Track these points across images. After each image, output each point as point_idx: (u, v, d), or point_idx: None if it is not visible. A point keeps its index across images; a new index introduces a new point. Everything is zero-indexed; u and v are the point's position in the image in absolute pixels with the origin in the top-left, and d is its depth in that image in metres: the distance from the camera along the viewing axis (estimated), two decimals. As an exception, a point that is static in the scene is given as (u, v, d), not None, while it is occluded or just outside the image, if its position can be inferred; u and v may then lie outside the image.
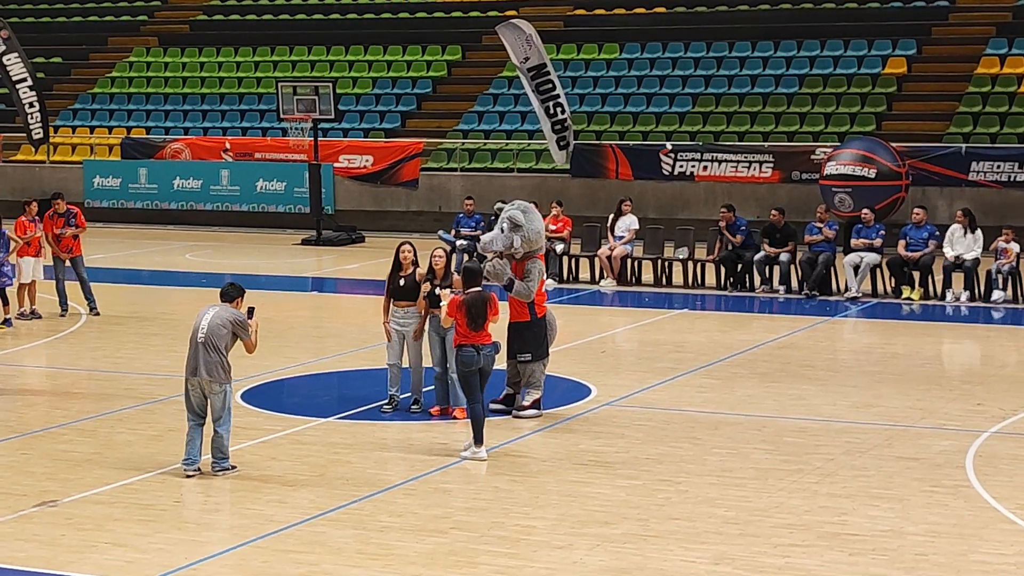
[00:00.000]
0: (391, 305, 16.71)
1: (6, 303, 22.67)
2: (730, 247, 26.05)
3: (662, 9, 38.92)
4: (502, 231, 16.79)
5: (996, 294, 24.37)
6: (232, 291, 14.44)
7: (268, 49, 41.50)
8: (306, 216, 34.59)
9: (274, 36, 42.08)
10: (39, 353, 21.22)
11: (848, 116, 33.71)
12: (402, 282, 16.60)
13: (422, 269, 16.68)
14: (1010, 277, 24.40)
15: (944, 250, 24.77)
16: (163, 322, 22.03)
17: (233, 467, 14.17)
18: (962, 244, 24.62)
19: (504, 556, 11.68)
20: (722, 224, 26.24)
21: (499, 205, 19.26)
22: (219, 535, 12.42)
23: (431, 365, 16.73)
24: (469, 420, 14.90)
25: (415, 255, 16.79)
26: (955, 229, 24.83)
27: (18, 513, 12.95)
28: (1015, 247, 24.38)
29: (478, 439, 14.67)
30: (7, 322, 22.48)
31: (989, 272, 24.55)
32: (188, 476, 13.96)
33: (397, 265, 16.74)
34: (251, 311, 14.39)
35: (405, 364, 16.81)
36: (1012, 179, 30.33)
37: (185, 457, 14.08)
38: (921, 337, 21.96)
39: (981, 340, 22.34)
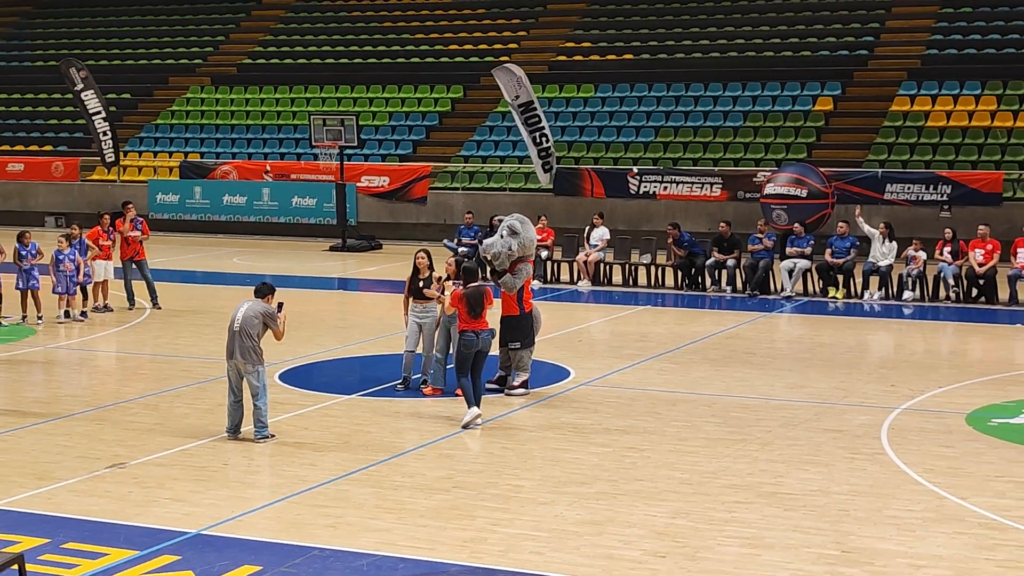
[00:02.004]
0: (411, 302, 16.74)
1: (85, 298, 22.78)
2: (681, 254, 26.09)
3: (630, 56, 38.93)
4: (501, 236, 16.91)
5: (906, 294, 24.47)
6: (264, 289, 14.52)
7: (302, 88, 41.47)
8: (333, 227, 34.57)
9: (307, 77, 42.03)
10: (110, 340, 21.23)
11: (784, 145, 33.76)
12: (420, 284, 16.64)
13: (437, 273, 16.74)
14: (918, 280, 24.51)
15: (873, 253, 24.84)
16: (214, 315, 21.93)
17: (272, 435, 14.20)
18: (879, 250, 24.69)
19: (497, 511, 11.72)
20: (670, 241, 26.30)
21: (499, 217, 19.33)
22: (260, 492, 12.46)
23: (439, 352, 16.77)
24: (464, 395, 14.99)
25: (430, 261, 16.83)
26: (877, 237, 24.91)
27: (93, 473, 13.01)
28: (922, 255, 24.50)
29: (469, 402, 14.84)
30: (83, 314, 22.53)
31: (901, 276, 24.64)
32: (228, 439, 14.14)
33: (415, 270, 16.77)
34: (280, 306, 14.45)
35: (419, 351, 16.84)
36: (920, 199, 30.45)
37: (228, 426, 14.27)
38: (844, 329, 22.01)
39: (894, 332, 22.40)
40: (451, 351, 16.28)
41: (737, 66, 37.30)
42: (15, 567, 9.37)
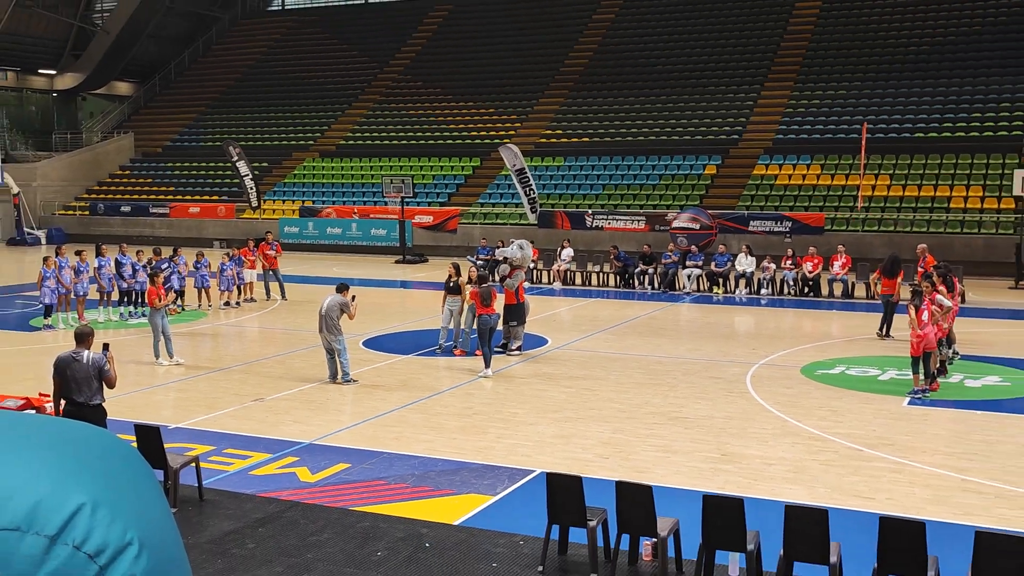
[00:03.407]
0: (445, 296, 16.81)
1: (239, 293, 22.83)
2: (619, 265, 26.16)
3: (587, 139, 38.90)
4: (514, 247, 17.89)
5: (763, 291, 24.43)
6: (341, 287, 14.52)
7: (378, 159, 41.41)
8: (396, 248, 34.51)
9: (380, 151, 41.98)
10: (254, 320, 21.24)
11: (684, 195, 33.68)
12: (451, 284, 16.70)
13: (463, 278, 16.81)
14: (769, 282, 24.49)
15: (736, 266, 24.87)
16: (320, 304, 22.05)
17: (354, 380, 14.19)
18: (745, 263, 24.72)
19: (501, 429, 11.75)
20: (612, 257, 26.38)
21: (512, 240, 19.71)
22: (348, 417, 12.47)
23: (465, 328, 16.82)
24: (483, 355, 15.00)
25: (457, 270, 16.94)
26: (742, 255, 24.92)
27: (243, 405, 13.05)
28: (772, 266, 24.49)
29: (487, 364, 14.86)
30: (237, 304, 22.56)
31: (759, 279, 24.62)
32: (327, 383, 14.12)
33: (448, 276, 16.89)
34: (354, 298, 14.40)
35: (450, 327, 16.89)
36: (771, 230, 30.43)
37: (328, 375, 14.27)
38: (722, 313, 22.03)
39: (755, 315, 22.41)
40: (472, 328, 16.34)
41: (655, 145, 37.29)
42: (193, 464, 9.39)
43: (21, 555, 0.69)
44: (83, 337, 9.13)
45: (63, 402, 8.96)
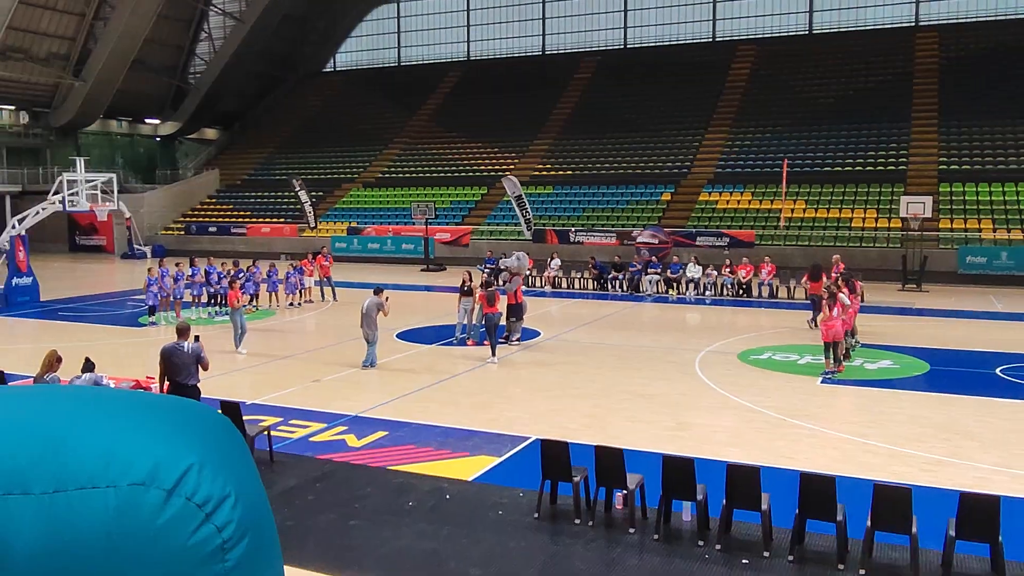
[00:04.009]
0: (460, 298, 16.68)
1: (301, 296, 22.66)
2: (595, 273, 26.07)
3: (571, 172, 38.78)
4: (513, 258, 17.72)
5: (707, 293, 24.28)
6: (377, 290, 14.39)
7: (408, 188, 41.25)
8: (421, 259, 34.39)
9: (409, 181, 41.81)
10: (312, 318, 21.17)
11: (646, 217, 33.56)
12: (465, 288, 16.59)
13: (475, 283, 16.69)
14: (712, 286, 24.37)
15: (687, 273, 24.77)
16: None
17: (373, 367, 14.03)
18: (693, 271, 24.63)
19: (504, 405, 11.68)
20: (590, 266, 26.28)
21: (514, 253, 19.51)
22: (383, 395, 12.36)
23: (475, 323, 16.71)
24: (488, 345, 14.91)
25: (470, 276, 16.80)
26: (691, 264, 24.83)
27: (303, 385, 12.95)
28: (715, 272, 24.39)
29: (493, 353, 14.75)
30: (299, 304, 22.41)
31: (704, 284, 24.48)
32: (365, 367, 14.03)
33: (462, 281, 16.75)
34: (387, 298, 14.27)
35: (464, 323, 16.79)
36: (713, 244, 30.27)
37: (366, 360, 14.15)
38: (677, 311, 21.96)
39: (701, 312, 22.34)
40: (480, 323, 16.24)
41: (623, 177, 37.11)
42: (265, 433, 9.34)
43: (146, 504, 0.73)
44: (183, 331, 9.09)
45: (167, 383, 8.93)
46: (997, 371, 13.52)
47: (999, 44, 37.83)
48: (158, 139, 52.66)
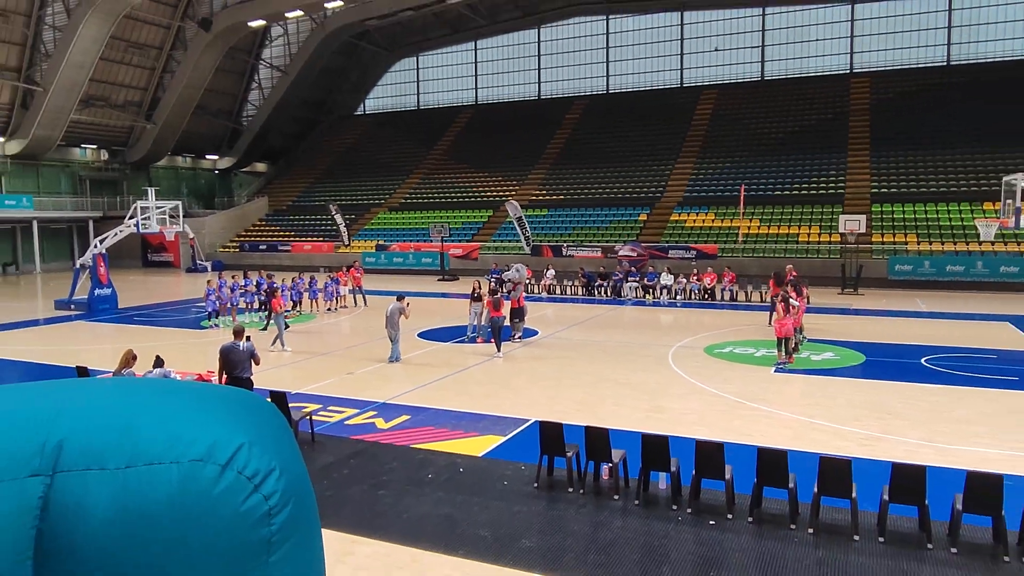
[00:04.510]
0: (471, 303, 16.64)
1: (337, 303, 22.59)
2: (584, 281, 26.05)
3: (563, 197, 38.80)
4: (514, 270, 17.46)
5: (678, 297, 24.25)
6: (400, 296, 14.35)
7: (426, 211, 41.30)
8: (437, 270, 34.33)
9: (427, 205, 41.89)
10: (346, 321, 21.13)
11: (626, 234, 33.52)
12: (475, 295, 16.56)
13: (483, 291, 16.65)
14: (681, 291, 24.33)
15: (661, 280, 24.73)
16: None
17: (396, 361, 13.99)
18: (666, 279, 24.60)
19: (509, 395, 11.65)
20: (580, 275, 26.24)
21: (513, 264, 19.38)
22: (406, 385, 12.32)
23: (484, 324, 16.68)
24: (495, 343, 14.88)
25: (480, 285, 16.77)
26: (664, 273, 24.80)
27: (340, 377, 12.94)
28: (684, 280, 24.37)
29: (499, 349, 14.71)
30: (336, 310, 22.35)
31: (675, 289, 24.45)
32: (391, 362, 13.96)
33: (473, 289, 16.73)
34: (408, 303, 14.23)
35: (474, 323, 16.75)
36: (682, 257, 30.24)
37: (391, 357, 14.07)
38: (652, 313, 21.91)
39: (674, 314, 22.28)
40: (487, 325, 16.22)
41: (606, 200, 37.12)
42: (307, 417, 9.34)
43: (204, 477, 0.73)
44: (239, 332, 9.13)
45: (224, 376, 8.94)
46: (922, 361, 13.49)
47: (920, 87, 38.02)
48: (217, 172, 52.88)
